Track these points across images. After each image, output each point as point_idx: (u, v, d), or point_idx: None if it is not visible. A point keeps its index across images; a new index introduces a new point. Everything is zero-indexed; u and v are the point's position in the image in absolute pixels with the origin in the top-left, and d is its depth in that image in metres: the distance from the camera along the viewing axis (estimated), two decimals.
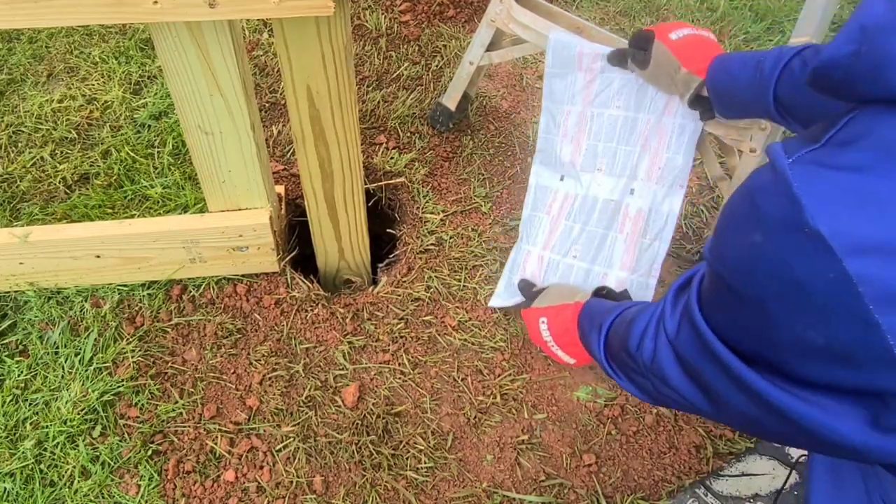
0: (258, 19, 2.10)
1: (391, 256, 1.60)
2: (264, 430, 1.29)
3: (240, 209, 1.38)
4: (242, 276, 1.47)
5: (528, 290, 1.38)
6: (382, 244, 1.71)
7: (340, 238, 1.47)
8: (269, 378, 1.36)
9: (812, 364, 0.58)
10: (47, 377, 1.34)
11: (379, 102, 1.88)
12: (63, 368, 1.35)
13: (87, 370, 1.35)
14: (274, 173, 1.68)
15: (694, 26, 1.23)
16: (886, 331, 0.50)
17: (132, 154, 1.72)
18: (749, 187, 0.60)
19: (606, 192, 1.39)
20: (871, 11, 0.55)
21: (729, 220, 0.63)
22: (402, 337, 1.42)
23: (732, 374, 0.64)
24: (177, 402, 1.32)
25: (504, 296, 1.45)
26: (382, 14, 2.12)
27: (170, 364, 1.37)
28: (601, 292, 1.26)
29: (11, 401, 1.32)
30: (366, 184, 1.61)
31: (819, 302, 0.54)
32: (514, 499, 1.23)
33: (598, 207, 1.39)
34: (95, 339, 1.38)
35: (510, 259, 1.47)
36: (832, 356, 0.56)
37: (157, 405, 1.32)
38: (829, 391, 0.58)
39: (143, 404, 1.32)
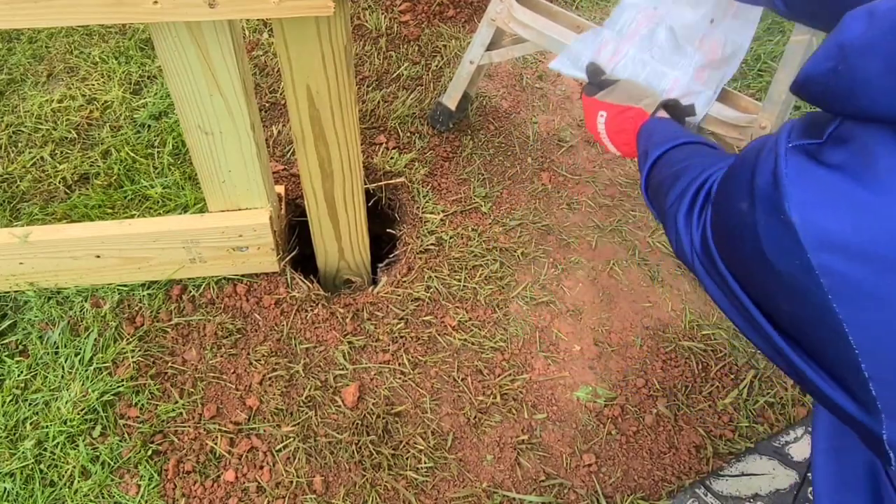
0: (258, 19, 2.10)
1: (391, 256, 1.60)
2: (264, 430, 1.29)
3: (240, 209, 1.37)
4: (242, 276, 1.47)
5: (596, 75, 1.35)
6: (382, 244, 1.71)
7: (340, 238, 1.47)
8: (269, 378, 1.35)
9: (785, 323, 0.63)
10: (47, 377, 1.34)
11: (379, 102, 1.88)
12: (63, 368, 1.35)
13: (87, 370, 1.35)
14: (274, 173, 1.68)
15: None
16: (843, 320, 0.54)
17: (132, 154, 1.72)
18: (756, 150, 0.63)
19: (690, 18, 1.40)
20: (849, 30, 0.56)
21: (730, 177, 0.68)
22: (402, 337, 1.42)
23: (752, 318, 0.68)
24: (177, 402, 1.32)
25: (567, 64, 1.42)
26: (382, 14, 2.12)
27: (170, 364, 1.37)
28: (668, 104, 1.26)
29: (11, 401, 1.32)
30: (366, 184, 1.61)
31: (785, 281, 0.58)
32: (514, 499, 1.23)
33: (684, 23, 1.40)
34: (95, 339, 1.38)
35: (585, 36, 1.42)
36: (797, 323, 0.61)
37: (157, 405, 1.32)
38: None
39: (143, 404, 1.32)
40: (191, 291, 1.46)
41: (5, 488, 1.22)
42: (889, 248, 0.52)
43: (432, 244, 1.57)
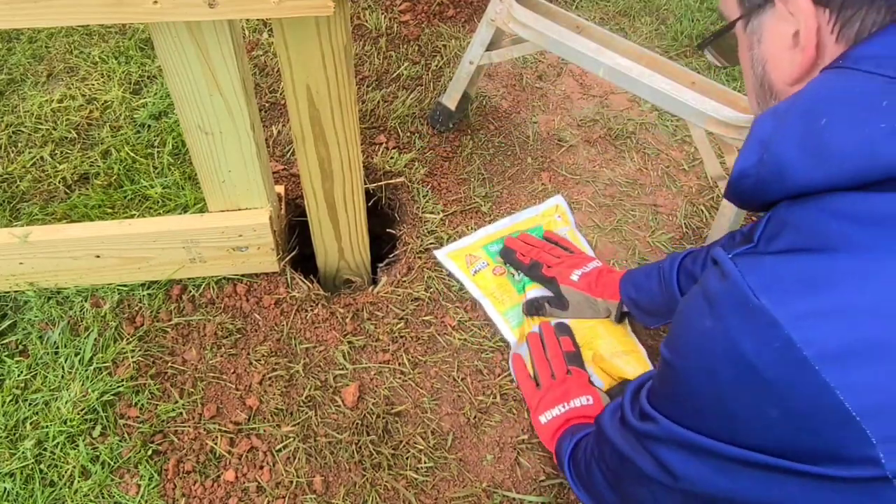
0: (258, 19, 2.10)
1: (391, 256, 1.60)
2: (264, 430, 1.29)
3: (240, 209, 1.37)
4: (242, 276, 1.47)
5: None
6: (382, 244, 1.71)
7: (340, 238, 1.47)
8: (269, 378, 1.35)
9: (772, 434, 0.61)
10: (47, 377, 1.34)
11: (379, 102, 1.88)
12: (63, 368, 1.35)
13: (87, 370, 1.35)
14: (274, 173, 1.68)
15: (578, 257, 1.44)
16: (836, 388, 0.55)
17: (132, 154, 1.72)
18: (700, 286, 0.68)
19: None
20: (763, 127, 0.67)
21: (683, 315, 0.70)
22: (402, 337, 1.42)
23: (698, 448, 0.68)
24: (177, 402, 1.32)
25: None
26: (382, 14, 2.12)
27: (170, 364, 1.37)
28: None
29: (11, 401, 1.32)
30: (366, 184, 1.61)
31: (770, 376, 0.58)
32: (514, 499, 1.23)
33: None
34: (95, 339, 1.38)
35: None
36: (790, 425, 0.59)
37: (157, 405, 1.32)
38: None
39: (143, 404, 1.32)
40: (191, 291, 1.46)
41: (5, 488, 1.22)
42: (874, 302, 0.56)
43: (432, 244, 1.57)
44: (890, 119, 0.59)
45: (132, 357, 1.36)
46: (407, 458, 1.27)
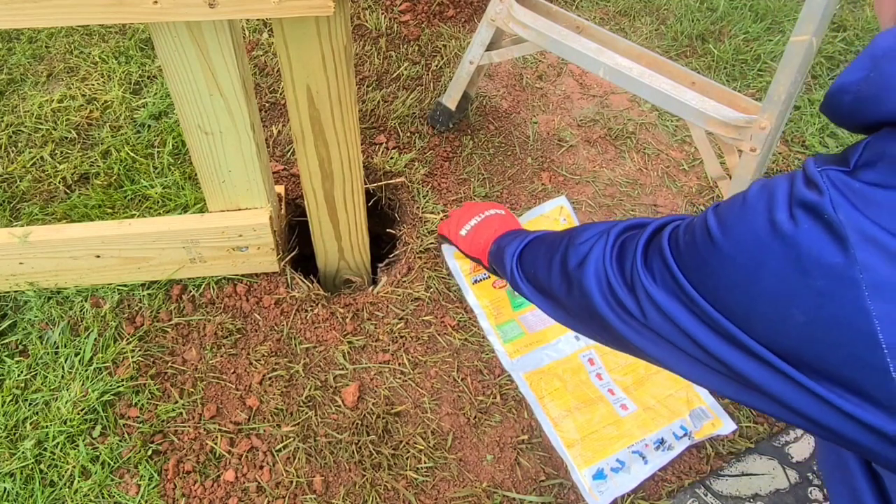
0: (258, 19, 2.10)
1: (391, 256, 1.60)
2: (264, 430, 1.29)
3: (240, 209, 1.37)
4: (242, 276, 1.47)
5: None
6: (382, 244, 1.71)
7: (340, 238, 1.47)
8: (269, 378, 1.35)
9: (785, 336, 0.62)
10: (47, 377, 1.34)
11: (379, 102, 1.88)
12: (63, 368, 1.35)
13: (87, 370, 1.35)
14: (274, 173, 1.68)
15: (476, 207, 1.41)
16: (875, 316, 0.55)
17: (132, 154, 1.72)
18: (780, 182, 0.66)
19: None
20: (880, 43, 0.61)
21: (750, 202, 0.67)
22: (402, 337, 1.42)
23: (725, 332, 0.68)
24: (177, 402, 1.32)
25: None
26: (382, 14, 2.12)
27: (170, 364, 1.37)
28: None
29: (11, 401, 1.32)
30: (366, 184, 1.61)
31: (818, 284, 0.59)
32: (514, 499, 1.23)
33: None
34: (95, 339, 1.38)
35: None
36: (810, 340, 0.60)
37: (157, 405, 1.32)
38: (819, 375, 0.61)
39: (143, 404, 1.32)
40: (191, 291, 1.46)
41: (5, 488, 1.22)
42: None
43: (432, 244, 1.57)
44: None
45: (132, 357, 1.36)
46: (407, 458, 1.27)
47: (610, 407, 1.32)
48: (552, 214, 1.63)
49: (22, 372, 1.35)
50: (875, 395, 0.57)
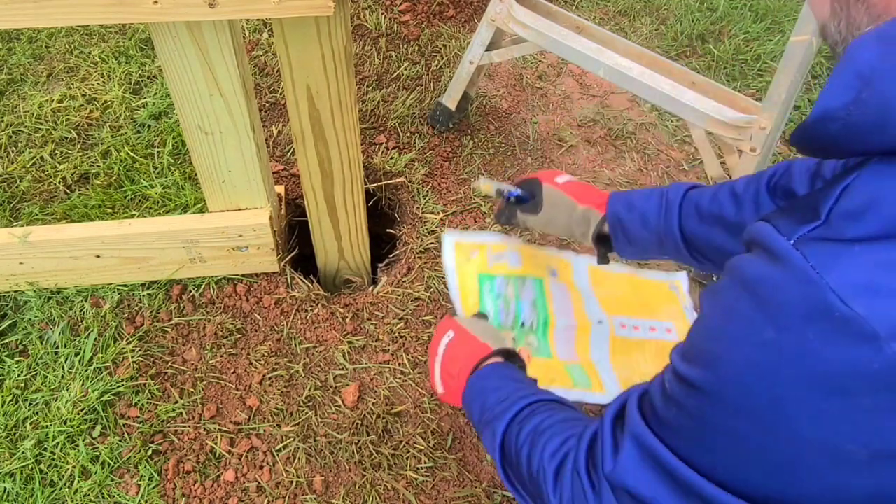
0: (258, 19, 2.10)
1: (391, 256, 1.60)
2: (264, 430, 1.29)
3: (240, 209, 1.38)
4: (242, 276, 1.47)
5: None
6: (382, 244, 1.71)
7: (340, 238, 1.47)
8: (269, 378, 1.35)
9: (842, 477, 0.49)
10: (47, 377, 1.34)
11: (379, 102, 1.88)
12: (63, 368, 1.35)
13: (87, 370, 1.35)
14: (274, 173, 1.68)
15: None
16: None
17: (132, 154, 1.72)
18: (744, 283, 0.53)
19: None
20: (863, 56, 0.49)
21: (722, 325, 0.54)
22: (402, 337, 1.42)
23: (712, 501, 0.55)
24: (177, 402, 1.32)
25: (447, 251, 1.30)
26: (382, 14, 2.12)
27: (170, 364, 1.37)
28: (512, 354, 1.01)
29: (11, 401, 1.32)
30: (366, 184, 1.61)
31: (866, 401, 0.45)
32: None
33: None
34: (95, 339, 1.38)
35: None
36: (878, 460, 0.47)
37: (157, 405, 1.32)
38: None
39: (143, 404, 1.32)
40: (191, 291, 1.46)
41: (5, 488, 1.22)
42: None
43: (432, 244, 1.57)
44: None
45: (132, 357, 1.36)
46: (407, 459, 1.27)
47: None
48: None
49: (22, 372, 1.35)
50: None
